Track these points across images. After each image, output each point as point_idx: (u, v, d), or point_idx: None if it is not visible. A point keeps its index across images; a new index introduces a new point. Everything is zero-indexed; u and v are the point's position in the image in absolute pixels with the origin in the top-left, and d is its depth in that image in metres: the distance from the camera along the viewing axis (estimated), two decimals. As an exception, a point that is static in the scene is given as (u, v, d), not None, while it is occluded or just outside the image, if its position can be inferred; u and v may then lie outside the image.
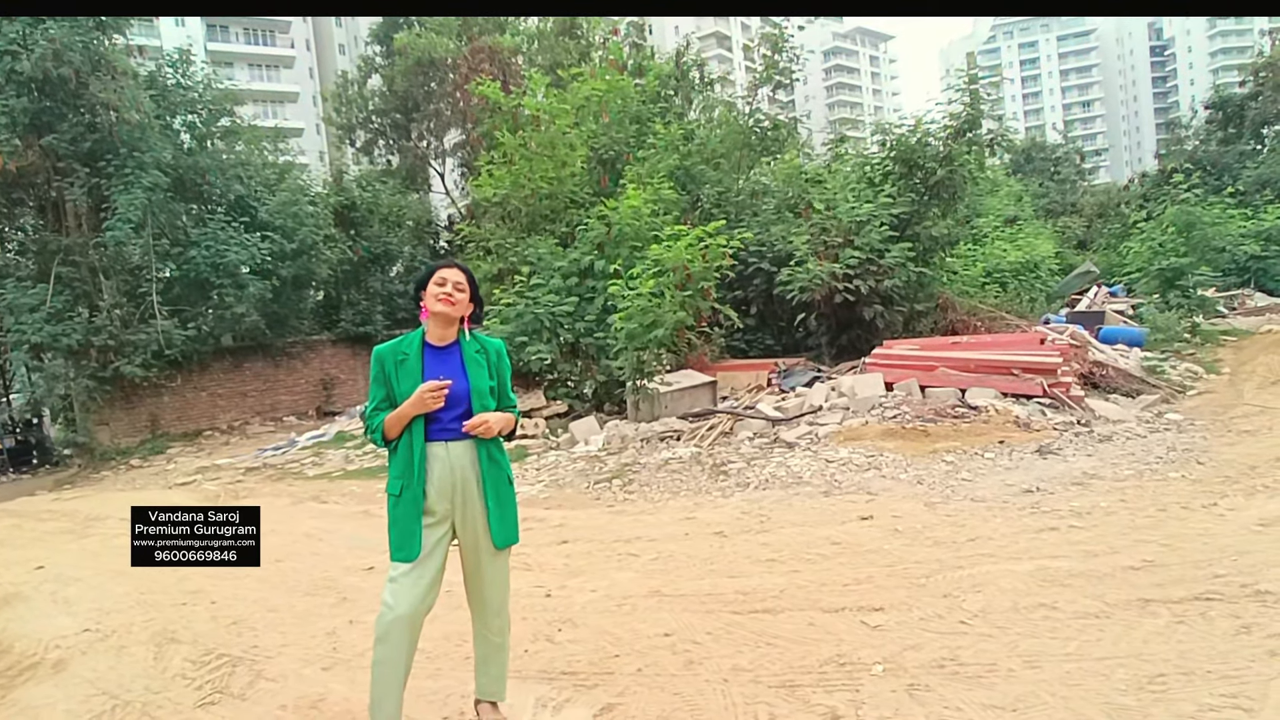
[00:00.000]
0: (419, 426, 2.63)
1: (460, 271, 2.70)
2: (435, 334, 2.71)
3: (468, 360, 2.71)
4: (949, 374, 8.38)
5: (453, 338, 2.74)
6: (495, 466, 2.71)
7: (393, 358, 2.68)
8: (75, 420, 15.38)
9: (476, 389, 2.66)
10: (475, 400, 2.66)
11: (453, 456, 2.64)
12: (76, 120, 13.95)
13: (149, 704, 3.38)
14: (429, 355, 2.69)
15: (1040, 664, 3.00)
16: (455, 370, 2.67)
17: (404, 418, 2.60)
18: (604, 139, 13.66)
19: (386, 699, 2.60)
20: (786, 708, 2.83)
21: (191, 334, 15.54)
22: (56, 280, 14.14)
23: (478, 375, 2.69)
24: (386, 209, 20.53)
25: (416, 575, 2.61)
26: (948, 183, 11.55)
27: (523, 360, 10.04)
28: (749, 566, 4.48)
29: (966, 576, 3.96)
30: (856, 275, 10.38)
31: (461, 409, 2.64)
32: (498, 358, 2.79)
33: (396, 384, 2.65)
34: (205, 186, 16.06)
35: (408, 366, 2.65)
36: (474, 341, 2.77)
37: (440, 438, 2.64)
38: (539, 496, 7.16)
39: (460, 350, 2.73)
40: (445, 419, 2.63)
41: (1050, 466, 6.09)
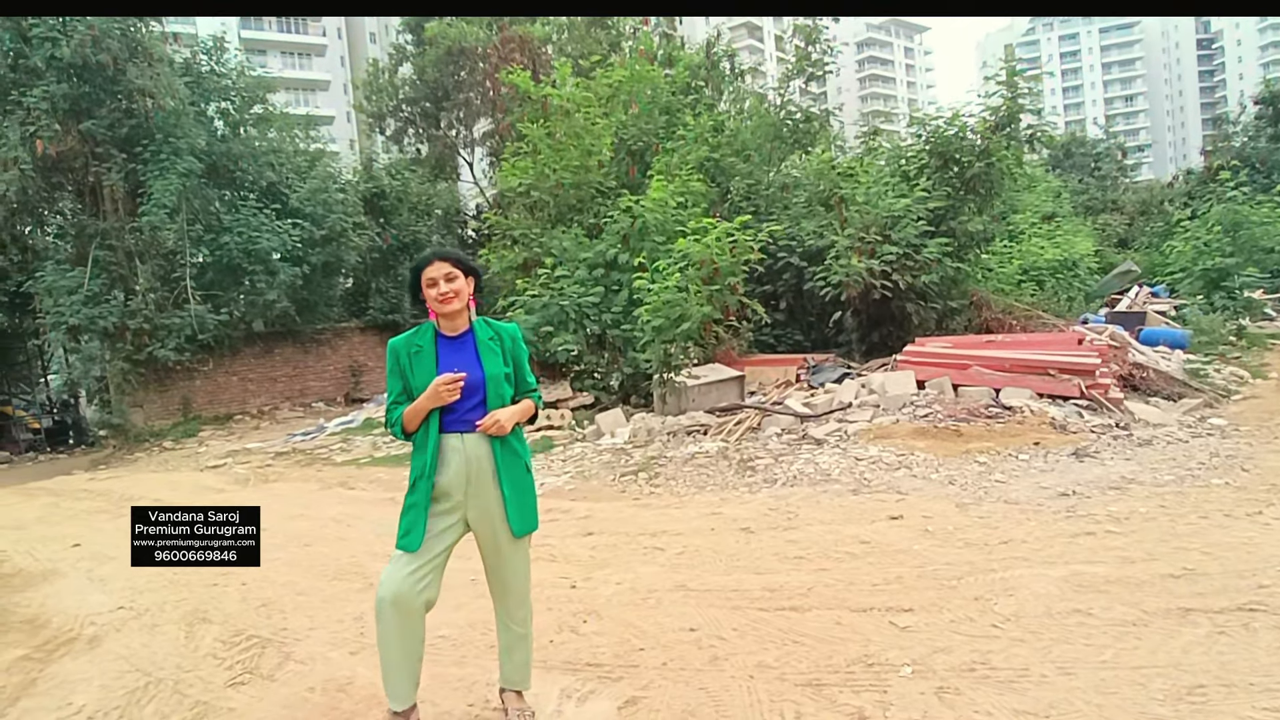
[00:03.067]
0: (435, 421, 2.62)
1: (444, 262, 2.64)
2: (447, 326, 2.70)
3: (481, 349, 2.68)
4: (983, 373, 8.22)
5: (465, 326, 2.71)
6: (511, 455, 2.68)
7: (407, 350, 2.67)
8: (110, 402, 15.73)
9: (492, 377, 2.64)
10: (490, 389, 2.63)
11: (468, 448, 2.62)
12: (114, 106, 14.22)
13: (180, 682, 3.44)
14: (443, 346, 2.68)
15: (1074, 671, 2.92)
16: (469, 359, 2.65)
17: (421, 411, 2.59)
18: (633, 130, 13.59)
19: (392, 676, 2.65)
20: (813, 706, 2.79)
21: (223, 319, 15.81)
22: (94, 263, 14.46)
23: (492, 363, 2.66)
24: (415, 197, 20.68)
25: (410, 563, 2.61)
26: (984, 177, 11.31)
27: (549, 351, 10.05)
28: (775, 563, 4.43)
29: (999, 580, 3.88)
30: (895, 270, 10.23)
31: (478, 399, 2.62)
32: (513, 343, 2.76)
33: (412, 376, 2.64)
34: (238, 173, 16.31)
35: (422, 358, 2.64)
36: (487, 327, 2.74)
37: (456, 429, 2.63)
38: (564, 488, 7.16)
39: (474, 339, 2.70)
40: (461, 410, 2.61)
41: (1087, 470, 5.95)
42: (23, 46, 13.39)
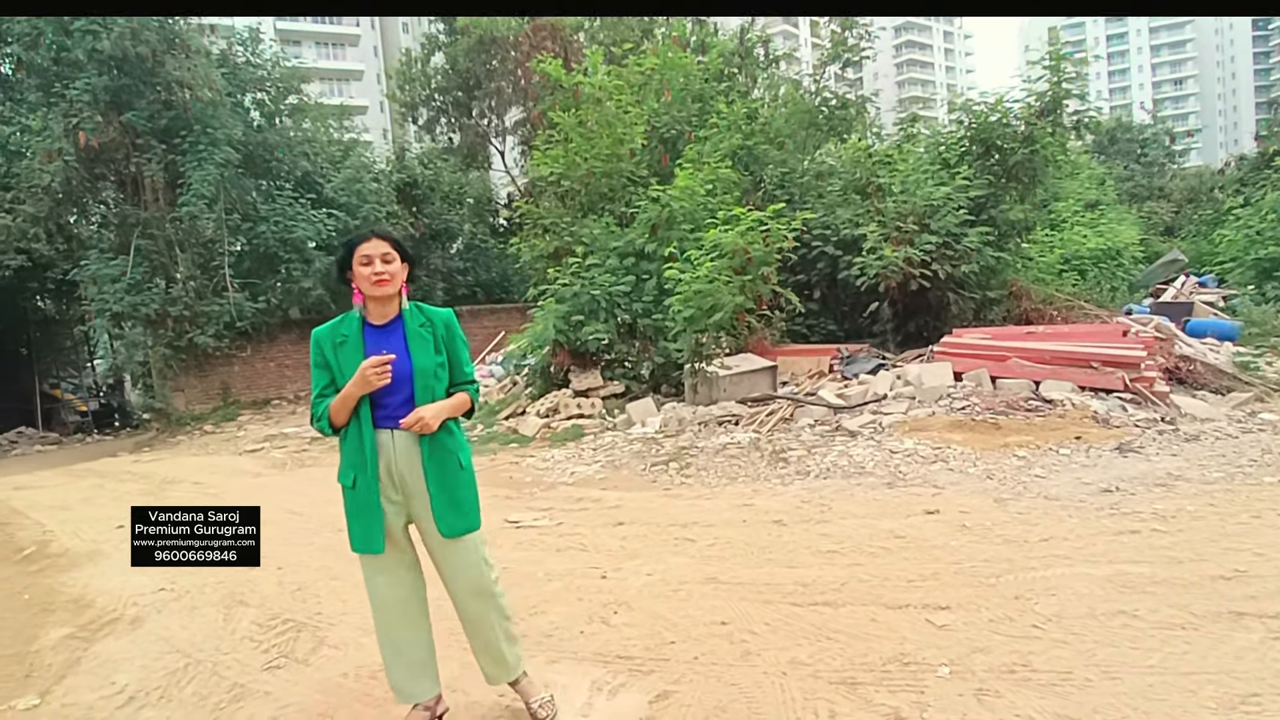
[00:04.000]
0: (366, 412, 2.47)
1: (382, 240, 2.48)
2: (375, 313, 2.53)
3: (411, 338, 2.50)
4: (1022, 365, 8.03)
5: (394, 313, 2.54)
6: (442, 453, 2.52)
7: (331, 340, 2.52)
8: (153, 386, 16.13)
9: (420, 369, 2.48)
10: (419, 382, 2.47)
11: (398, 445, 2.48)
12: (153, 98, 14.51)
13: (218, 664, 3.50)
14: (370, 335, 2.51)
15: (1119, 675, 2.82)
16: (398, 349, 2.48)
17: (349, 399, 2.44)
18: (665, 117, 13.47)
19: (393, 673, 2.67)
20: (847, 705, 2.73)
21: (261, 306, 16.11)
22: (136, 252, 14.81)
23: (422, 354, 2.49)
24: (447, 186, 20.83)
25: (389, 567, 2.57)
26: (1027, 165, 11.02)
27: (580, 339, 10.03)
28: (808, 557, 4.37)
29: (1039, 578, 3.78)
30: (933, 260, 10.03)
31: (406, 393, 2.46)
32: (446, 330, 2.57)
33: (338, 368, 2.49)
34: (274, 163, 16.56)
35: (348, 349, 2.48)
36: (418, 314, 2.56)
37: (385, 425, 2.48)
38: (595, 477, 7.16)
39: (403, 327, 2.52)
40: (390, 405, 2.46)
41: (1131, 466, 5.78)
42: (65, 40, 13.68)
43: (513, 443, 9.19)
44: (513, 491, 6.84)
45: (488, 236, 22.28)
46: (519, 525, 5.61)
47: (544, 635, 3.53)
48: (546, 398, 10.31)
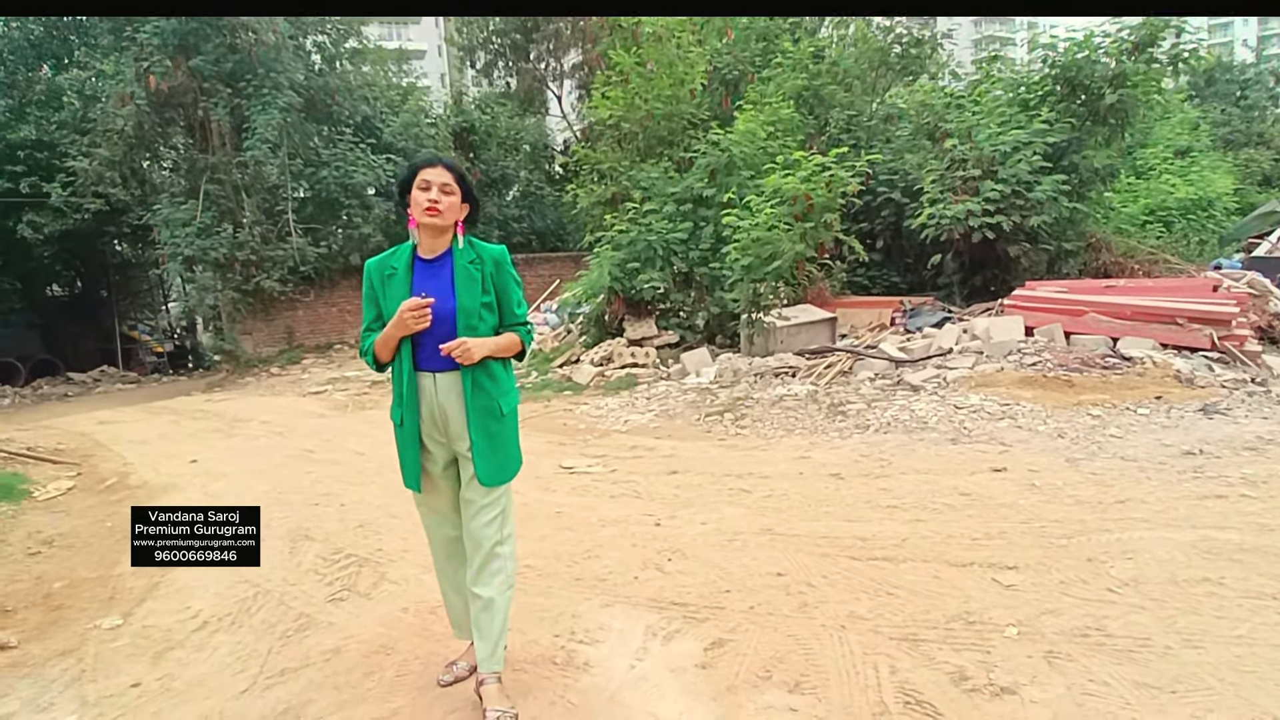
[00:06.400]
0: (407, 352, 2.40)
1: (446, 170, 2.38)
2: (426, 245, 2.43)
3: (458, 275, 2.40)
4: (1099, 320, 7.63)
5: (445, 247, 2.44)
6: (482, 395, 2.42)
7: (380, 273, 2.45)
8: (222, 329, 16.68)
9: (463, 308, 2.37)
10: (461, 321, 2.37)
11: (439, 388, 2.40)
12: (219, 41, 14.63)
13: (285, 595, 3.61)
14: (419, 269, 2.42)
15: (1203, 644, 2.67)
16: (444, 286, 2.38)
17: (390, 340, 2.37)
18: (727, 58, 13.01)
19: (448, 607, 2.75)
20: (909, 662, 2.66)
21: (322, 252, 16.42)
22: (205, 197, 15.15)
23: (467, 292, 2.38)
24: (504, 132, 20.67)
25: (433, 506, 2.59)
26: (1117, 107, 10.26)
27: (635, 288, 9.92)
28: (867, 511, 4.26)
29: (1115, 541, 3.60)
30: (999, 210, 9.52)
31: (445, 331, 2.37)
32: (496, 268, 2.46)
33: (384, 302, 2.43)
34: (334, 108, 16.64)
35: (395, 283, 2.41)
36: (469, 250, 2.44)
37: (426, 367, 2.40)
38: (649, 425, 7.13)
39: (452, 263, 2.42)
40: (429, 345, 2.37)
41: (1217, 428, 5.45)
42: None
43: (566, 390, 9.22)
44: (566, 438, 6.87)
45: (543, 184, 22.15)
46: (573, 471, 5.63)
47: (598, 579, 3.54)
48: (600, 346, 10.29)
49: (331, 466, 6.35)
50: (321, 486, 5.63)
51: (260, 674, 2.87)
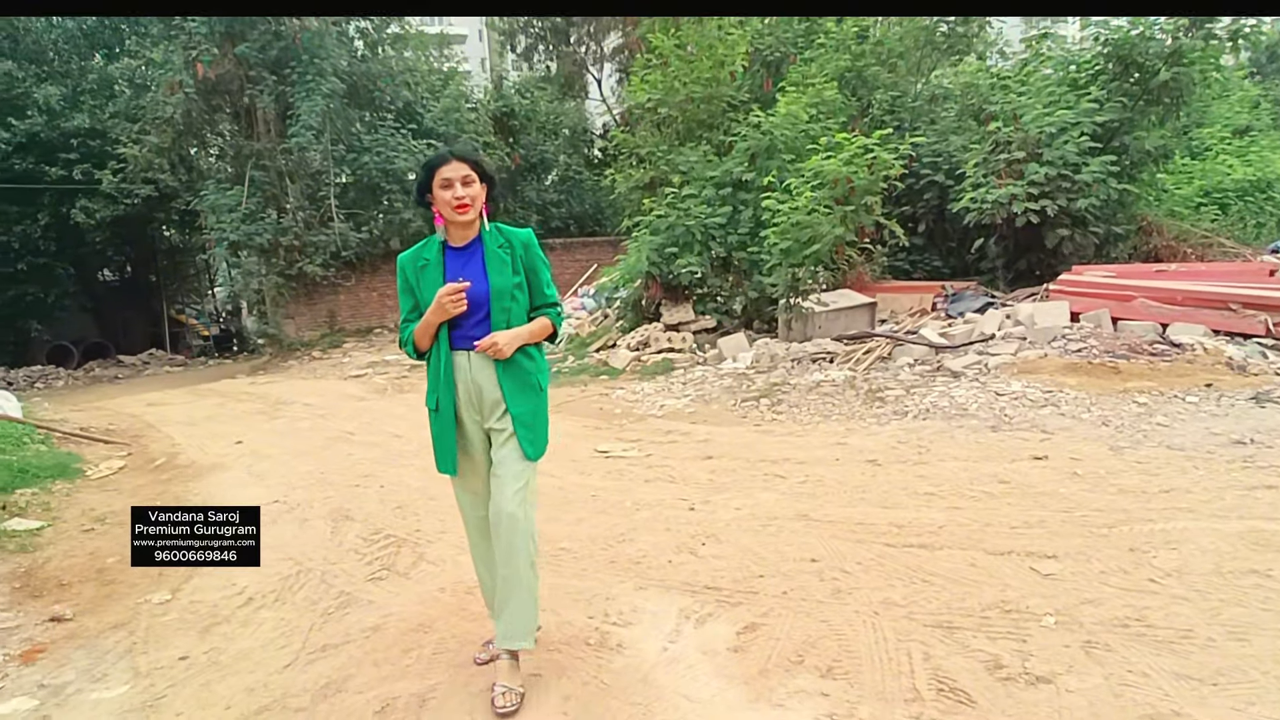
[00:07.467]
0: (445, 336, 2.50)
1: (462, 163, 2.44)
2: (455, 235, 2.53)
3: (489, 259, 2.49)
4: (1149, 305, 7.41)
5: (474, 234, 2.53)
6: (518, 375, 2.50)
7: (414, 265, 2.54)
8: (267, 313, 17.08)
9: (496, 290, 2.46)
10: (495, 303, 2.46)
11: (474, 366, 2.50)
12: (264, 28, 14.88)
13: (327, 573, 3.73)
14: (450, 258, 2.52)
15: (1248, 637, 2.61)
16: (477, 271, 2.48)
17: (429, 327, 2.47)
18: (769, 39, 12.83)
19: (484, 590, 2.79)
20: (943, 649, 2.65)
21: (364, 237, 16.67)
22: (250, 183, 15.49)
23: (499, 275, 2.47)
24: (544, 117, 20.67)
25: (469, 487, 2.64)
26: (1172, 85, 9.87)
27: (672, 272, 9.91)
28: (904, 498, 4.23)
29: (1158, 531, 3.53)
30: (1044, 194, 9.26)
31: (481, 314, 2.47)
32: (525, 250, 2.54)
33: (420, 292, 2.52)
34: (376, 93, 16.82)
35: (429, 273, 2.50)
36: (497, 235, 2.54)
37: (462, 346, 2.50)
38: (684, 410, 7.15)
39: (482, 249, 2.51)
40: (466, 326, 2.48)
41: (1269, 417, 5.27)
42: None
43: (603, 374, 9.28)
44: (602, 422, 6.93)
45: (582, 168, 22.17)
46: (608, 455, 5.68)
47: (632, 562, 3.58)
48: (637, 331, 10.31)
49: (371, 449, 6.50)
50: (362, 468, 5.78)
51: (303, 649, 2.98)
